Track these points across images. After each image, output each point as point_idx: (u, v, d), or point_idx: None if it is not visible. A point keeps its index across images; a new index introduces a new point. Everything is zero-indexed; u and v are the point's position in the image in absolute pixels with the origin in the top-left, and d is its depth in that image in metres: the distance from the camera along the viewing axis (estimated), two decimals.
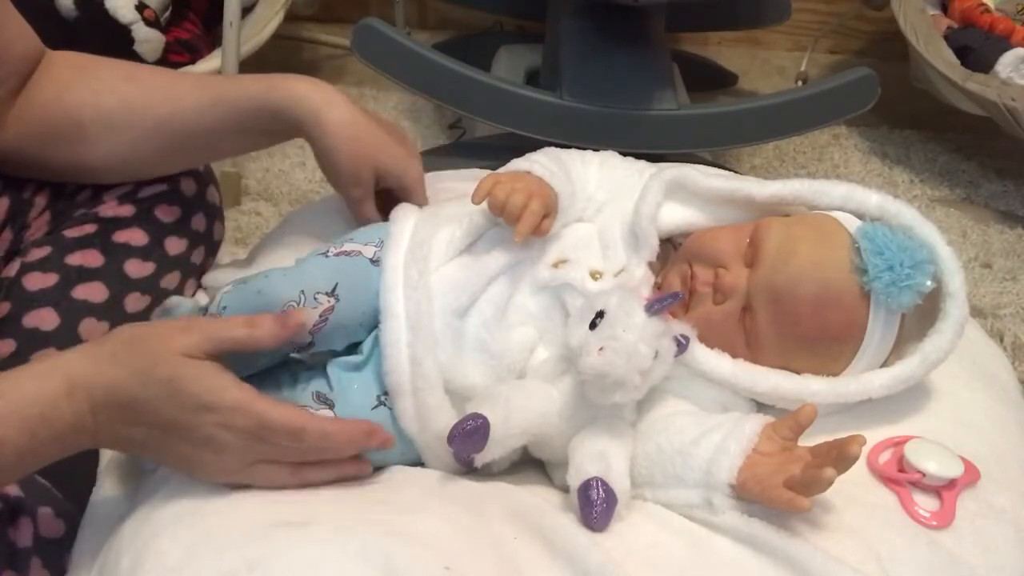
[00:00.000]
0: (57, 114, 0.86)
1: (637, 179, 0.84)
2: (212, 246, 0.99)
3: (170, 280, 0.92)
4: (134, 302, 0.89)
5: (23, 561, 0.70)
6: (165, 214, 0.92)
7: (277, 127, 0.88)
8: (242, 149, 1.05)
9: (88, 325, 0.86)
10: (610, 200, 0.84)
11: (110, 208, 0.90)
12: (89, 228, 0.89)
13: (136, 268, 0.89)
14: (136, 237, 0.90)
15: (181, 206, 0.93)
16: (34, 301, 0.85)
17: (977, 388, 0.83)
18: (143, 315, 0.88)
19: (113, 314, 0.87)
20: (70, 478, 0.79)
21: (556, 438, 0.73)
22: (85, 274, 0.87)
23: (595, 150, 0.90)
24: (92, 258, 0.88)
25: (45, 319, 0.84)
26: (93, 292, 0.87)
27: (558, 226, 0.80)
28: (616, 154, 0.90)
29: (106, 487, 0.79)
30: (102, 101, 0.86)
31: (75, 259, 0.87)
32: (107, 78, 0.88)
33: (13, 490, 0.73)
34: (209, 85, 0.90)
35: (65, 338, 0.84)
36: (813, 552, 0.63)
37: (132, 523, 0.70)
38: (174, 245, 0.93)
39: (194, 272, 0.96)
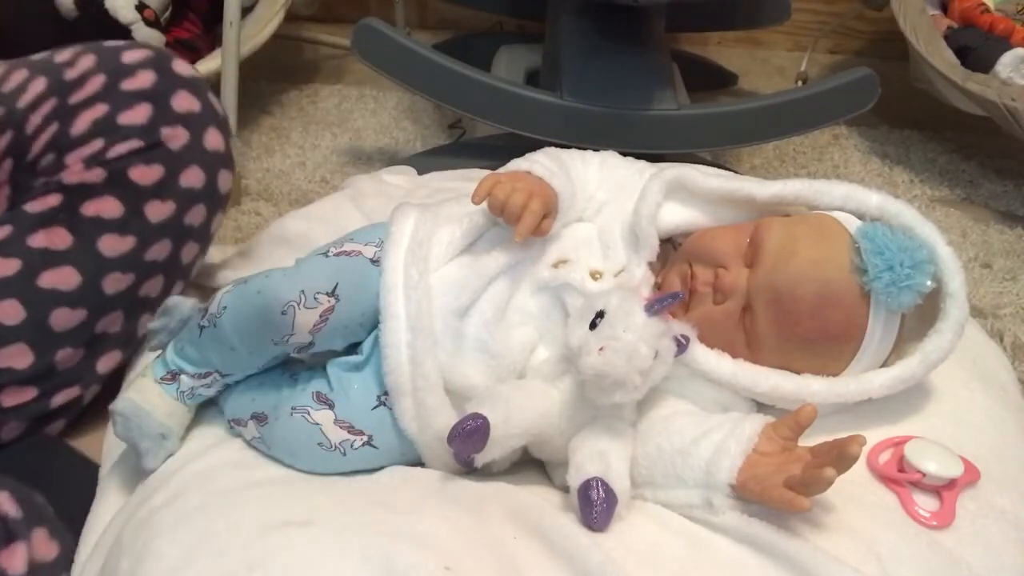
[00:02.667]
0: None
1: (638, 179, 0.84)
2: (216, 200, 0.85)
3: (159, 251, 0.81)
4: (114, 283, 0.79)
5: None
6: (142, 176, 0.80)
7: None
8: None
9: (60, 316, 0.77)
10: (610, 200, 0.84)
11: (75, 173, 0.79)
12: (52, 200, 0.78)
13: (112, 244, 0.79)
14: (108, 208, 0.79)
15: (164, 163, 0.81)
16: None
17: (977, 388, 0.83)
18: (126, 295, 0.79)
19: (90, 300, 0.78)
20: (66, 492, 0.77)
21: (556, 438, 0.73)
22: (51, 258, 0.77)
23: (595, 150, 0.90)
24: (58, 238, 0.77)
25: (8, 313, 0.76)
26: (62, 278, 0.77)
27: (558, 226, 0.80)
28: (616, 154, 0.90)
29: (109, 494, 0.79)
30: None
31: (38, 240, 0.77)
32: None
33: (12, 510, 0.69)
34: None
35: (34, 332, 0.76)
36: (813, 552, 0.63)
37: (132, 525, 0.70)
38: (157, 210, 0.81)
39: (192, 235, 0.84)
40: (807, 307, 0.73)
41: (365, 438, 0.74)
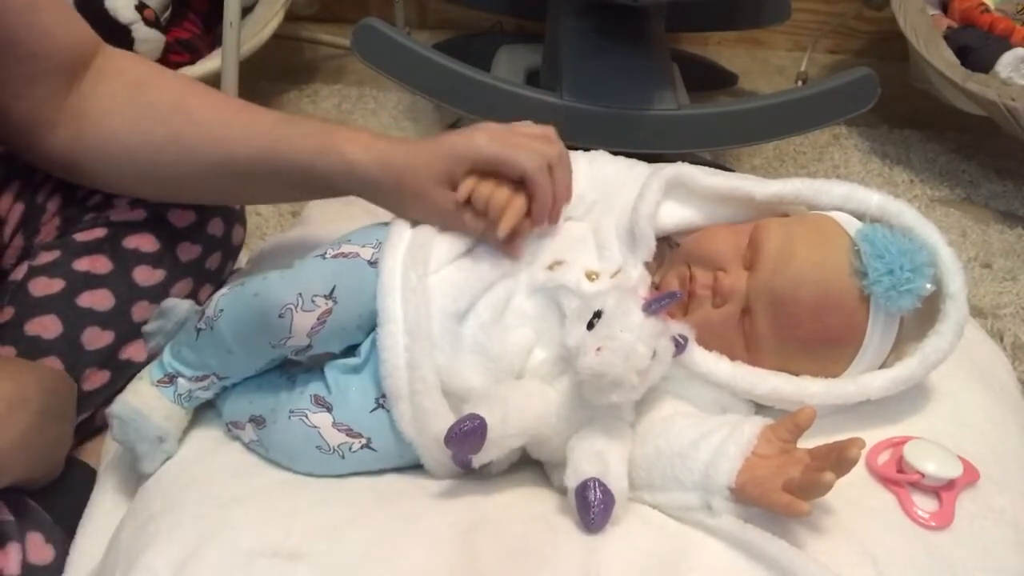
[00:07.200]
0: (106, 135, 0.81)
1: (627, 176, 0.84)
2: (230, 250, 0.96)
3: (181, 288, 0.90)
4: (141, 311, 0.86)
5: None
6: (179, 219, 0.89)
7: (326, 189, 0.82)
8: (281, 199, 0.95)
9: (91, 334, 0.84)
10: (600, 199, 0.84)
11: (121, 212, 0.87)
12: (99, 232, 0.86)
13: (145, 275, 0.87)
14: (146, 243, 0.87)
15: (196, 210, 0.90)
16: (38, 307, 0.83)
17: (977, 388, 0.83)
18: None
19: (119, 324, 0.85)
20: (63, 498, 0.78)
21: (554, 439, 0.73)
22: (92, 281, 0.85)
23: (594, 150, 0.90)
24: (100, 264, 0.85)
25: (48, 327, 0.82)
26: (99, 300, 0.84)
27: (547, 224, 0.79)
28: (605, 153, 0.90)
29: (106, 494, 0.79)
30: (153, 131, 0.81)
31: (83, 264, 0.85)
32: (161, 106, 0.82)
33: (4, 514, 0.71)
34: (261, 132, 0.81)
35: (67, 347, 0.83)
36: (806, 563, 0.62)
37: (127, 533, 0.70)
38: (187, 251, 0.90)
39: (209, 278, 0.93)
40: (806, 310, 0.73)
41: (363, 441, 0.74)
